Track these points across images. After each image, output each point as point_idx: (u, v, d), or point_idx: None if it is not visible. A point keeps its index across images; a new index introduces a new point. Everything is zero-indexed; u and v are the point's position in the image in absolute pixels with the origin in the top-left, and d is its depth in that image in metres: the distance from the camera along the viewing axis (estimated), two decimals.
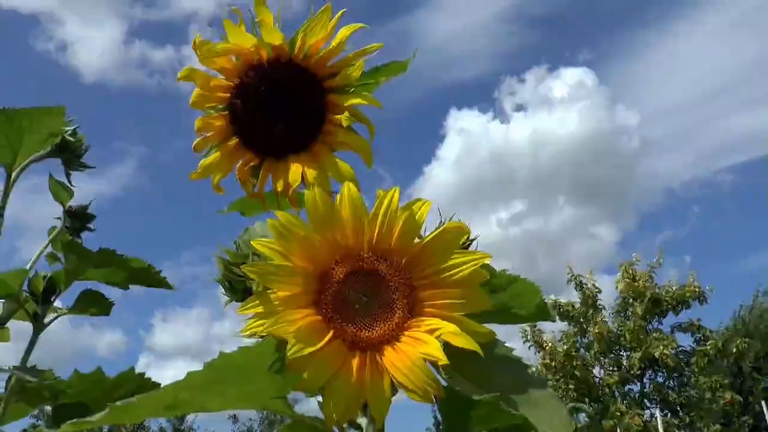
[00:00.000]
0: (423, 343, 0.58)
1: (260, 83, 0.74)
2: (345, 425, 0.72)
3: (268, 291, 0.59)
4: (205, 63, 0.73)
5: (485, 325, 0.62)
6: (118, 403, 0.52)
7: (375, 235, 0.60)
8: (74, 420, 0.53)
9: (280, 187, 0.77)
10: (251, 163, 0.79)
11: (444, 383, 0.59)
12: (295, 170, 0.76)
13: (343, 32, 0.73)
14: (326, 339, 0.58)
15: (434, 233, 0.61)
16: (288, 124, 0.77)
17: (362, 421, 0.70)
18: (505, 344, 0.69)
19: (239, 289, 0.71)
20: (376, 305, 0.61)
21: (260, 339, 0.63)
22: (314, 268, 0.60)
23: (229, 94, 0.76)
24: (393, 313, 0.60)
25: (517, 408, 0.61)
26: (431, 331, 0.59)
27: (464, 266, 0.61)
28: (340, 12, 0.73)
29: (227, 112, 0.77)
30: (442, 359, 0.57)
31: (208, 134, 0.77)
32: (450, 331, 0.58)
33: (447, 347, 0.58)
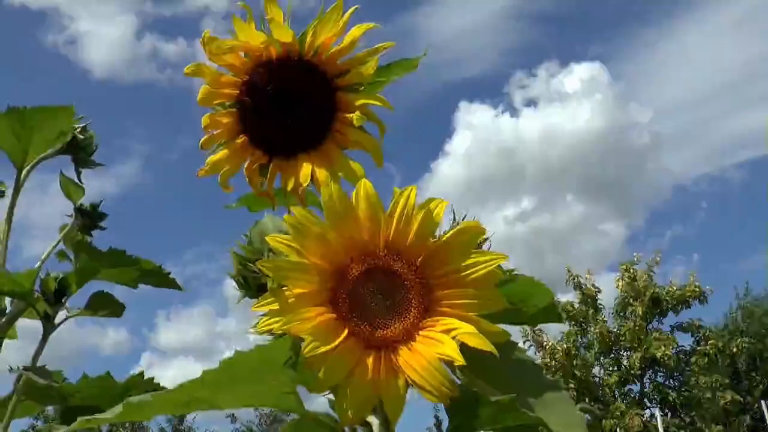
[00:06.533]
0: (439, 343, 0.58)
1: (269, 80, 0.74)
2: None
3: (283, 288, 0.58)
4: (213, 60, 0.72)
5: (497, 325, 0.62)
6: (132, 399, 0.51)
7: (391, 233, 0.59)
8: (87, 417, 0.53)
9: (289, 186, 0.76)
10: (260, 162, 0.78)
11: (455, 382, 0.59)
12: (306, 169, 0.75)
13: (355, 31, 0.72)
14: (341, 337, 0.58)
15: (451, 232, 0.60)
16: (297, 122, 0.76)
17: (373, 420, 0.70)
18: (519, 345, 0.68)
19: (253, 285, 0.70)
20: (391, 304, 0.60)
21: (273, 336, 0.63)
22: (330, 265, 0.59)
23: (237, 91, 0.75)
24: (408, 312, 0.60)
25: (531, 409, 0.60)
26: (447, 331, 0.58)
27: (481, 266, 0.60)
28: (351, 9, 0.72)
29: (235, 109, 0.76)
30: (459, 360, 0.56)
31: (216, 131, 0.77)
32: (466, 331, 0.58)
33: (462, 347, 0.58)
